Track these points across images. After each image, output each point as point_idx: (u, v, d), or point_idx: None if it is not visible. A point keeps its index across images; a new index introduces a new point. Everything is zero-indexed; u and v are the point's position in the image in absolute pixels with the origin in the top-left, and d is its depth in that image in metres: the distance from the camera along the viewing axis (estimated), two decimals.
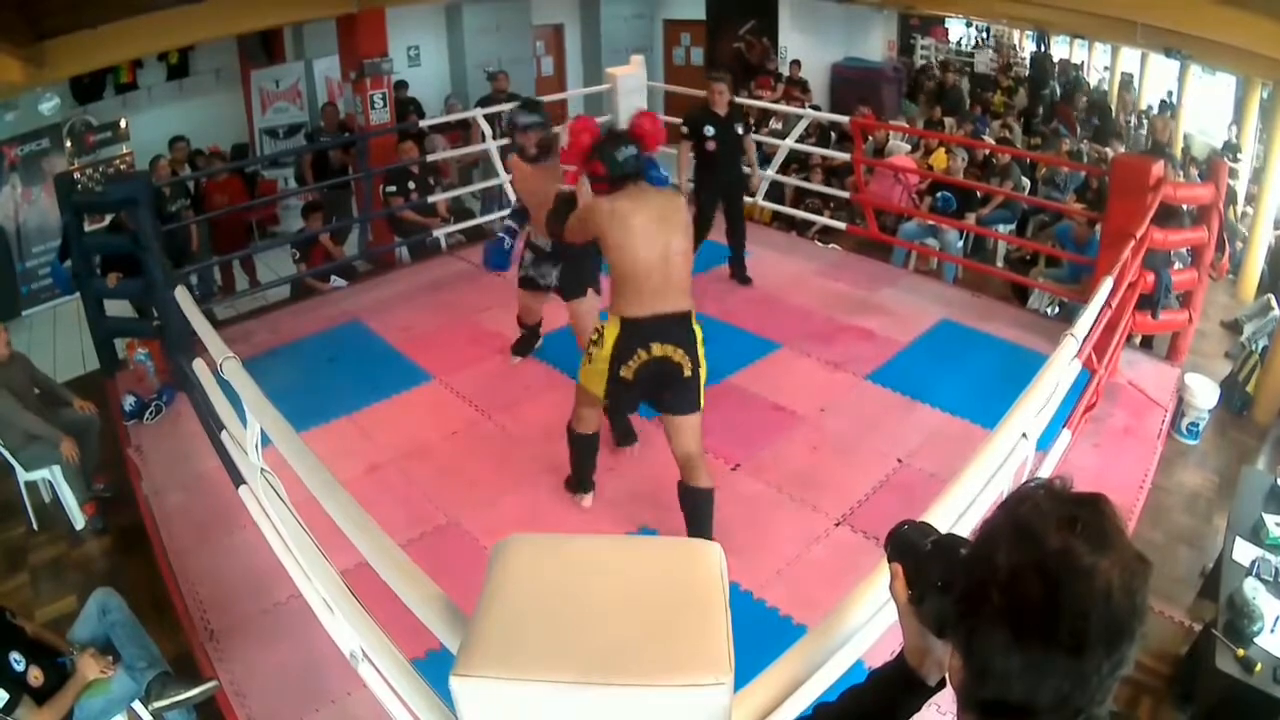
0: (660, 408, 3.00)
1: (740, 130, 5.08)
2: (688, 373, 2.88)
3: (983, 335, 4.75)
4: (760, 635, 2.42)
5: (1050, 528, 0.73)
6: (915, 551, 0.95)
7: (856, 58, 11.14)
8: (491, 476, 3.59)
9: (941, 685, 0.97)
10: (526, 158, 3.82)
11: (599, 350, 2.90)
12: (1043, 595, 0.71)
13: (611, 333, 2.85)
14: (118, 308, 4.82)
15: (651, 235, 2.79)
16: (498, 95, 7.53)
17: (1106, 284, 3.26)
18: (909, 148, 7.56)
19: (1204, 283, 4.61)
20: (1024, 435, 2.28)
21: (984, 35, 11.87)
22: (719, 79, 5.02)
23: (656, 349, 2.83)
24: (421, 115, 7.95)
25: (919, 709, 1.01)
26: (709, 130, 4.93)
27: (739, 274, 5.39)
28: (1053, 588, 0.71)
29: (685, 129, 5.08)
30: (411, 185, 6.32)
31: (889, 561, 0.98)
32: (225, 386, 2.70)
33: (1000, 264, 6.65)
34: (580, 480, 3.40)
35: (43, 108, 7.32)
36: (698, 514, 3.02)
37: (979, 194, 6.59)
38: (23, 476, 3.74)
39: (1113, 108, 9.61)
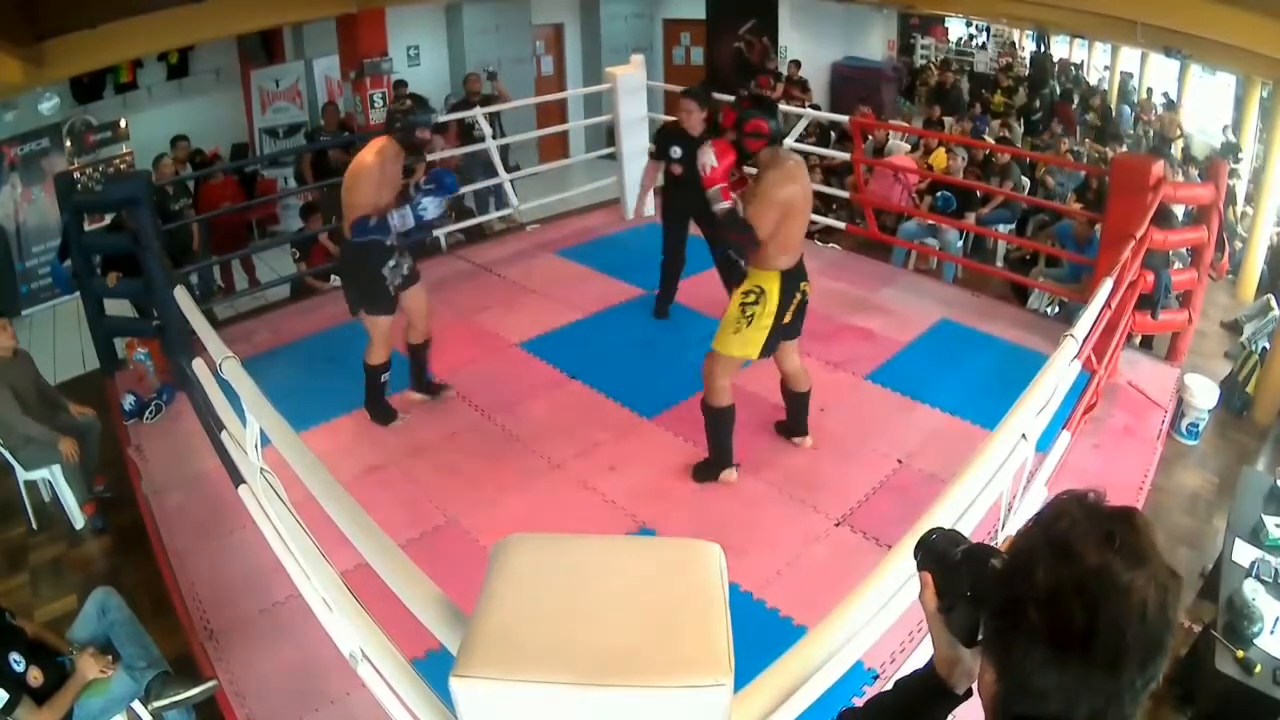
0: (786, 336, 3.32)
1: None
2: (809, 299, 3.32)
3: (982, 335, 4.74)
4: (760, 636, 2.42)
5: (1088, 545, 0.73)
6: (945, 561, 0.95)
7: (856, 57, 11.14)
8: (491, 476, 3.59)
9: (969, 695, 0.97)
10: (416, 153, 3.70)
11: (761, 308, 3.13)
12: (1082, 613, 0.71)
13: (774, 287, 3.12)
14: (118, 307, 4.83)
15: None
16: (471, 98, 7.46)
17: (1106, 284, 3.26)
18: (909, 147, 7.57)
19: (1204, 283, 4.61)
20: (1024, 436, 2.28)
21: (984, 34, 11.87)
22: (689, 96, 4.55)
23: (804, 287, 3.22)
24: None
25: (945, 719, 1.01)
26: (675, 152, 4.50)
27: None
28: (1092, 606, 0.71)
29: (652, 147, 4.72)
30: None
31: (919, 570, 0.98)
32: (225, 386, 2.70)
33: (1000, 264, 6.65)
34: (725, 457, 3.44)
35: (43, 107, 7.33)
36: (801, 409, 3.64)
37: (979, 194, 6.60)
38: (22, 476, 3.74)
39: (1124, 110, 9.61)
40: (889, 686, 1.06)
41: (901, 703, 1.03)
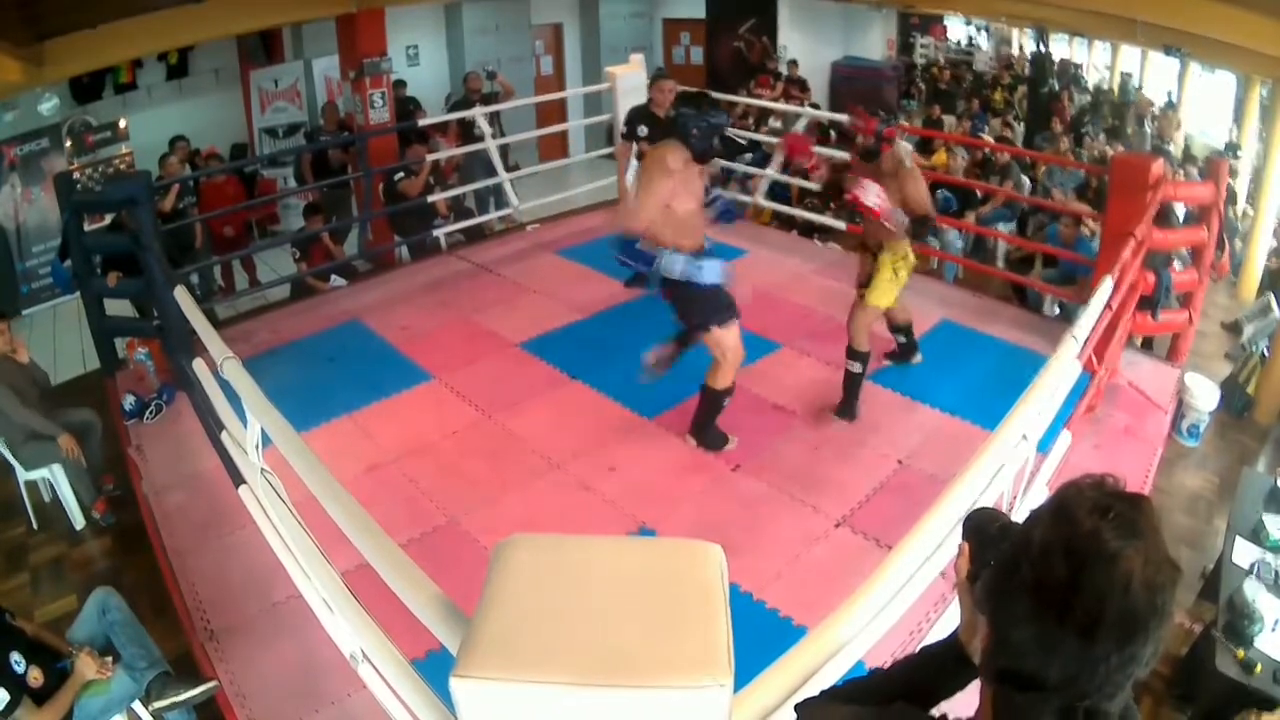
0: None
1: None
2: None
3: (983, 336, 4.74)
4: (760, 636, 2.42)
5: (1084, 511, 0.76)
6: (982, 533, 1.01)
7: (856, 57, 11.15)
8: (491, 476, 3.59)
9: None
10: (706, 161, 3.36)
11: (907, 266, 3.77)
12: (1065, 572, 0.74)
13: (911, 251, 3.78)
14: (118, 307, 4.83)
15: None
16: (471, 96, 7.44)
17: (1106, 284, 3.25)
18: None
19: (1204, 283, 4.61)
20: (1024, 436, 2.28)
21: (983, 34, 11.88)
22: (665, 77, 4.69)
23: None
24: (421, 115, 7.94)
25: (963, 686, 1.04)
26: (642, 130, 4.60)
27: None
28: (1076, 567, 0.73)
29: (624, 129, 4.82)
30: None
31: (962, 539, 1.04)
32: (225, 386, 2.70)
33: (1000, 264, 6.64)
34: (859, 392, 3.88)
35: (42, 108, 7.33)
36: (909, 333, 4.26)
37: (979, 193, 6.59)
38: (23, 476, 3.74)
39: (1131, 111, 9.60)
40: (915, 651, 1.11)
41: (924, 667, 1.08)
